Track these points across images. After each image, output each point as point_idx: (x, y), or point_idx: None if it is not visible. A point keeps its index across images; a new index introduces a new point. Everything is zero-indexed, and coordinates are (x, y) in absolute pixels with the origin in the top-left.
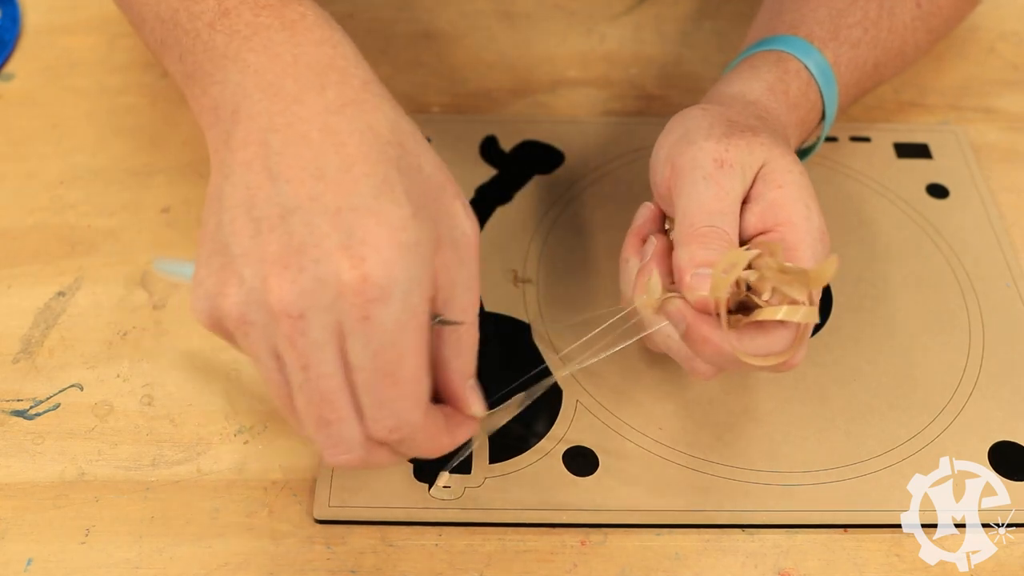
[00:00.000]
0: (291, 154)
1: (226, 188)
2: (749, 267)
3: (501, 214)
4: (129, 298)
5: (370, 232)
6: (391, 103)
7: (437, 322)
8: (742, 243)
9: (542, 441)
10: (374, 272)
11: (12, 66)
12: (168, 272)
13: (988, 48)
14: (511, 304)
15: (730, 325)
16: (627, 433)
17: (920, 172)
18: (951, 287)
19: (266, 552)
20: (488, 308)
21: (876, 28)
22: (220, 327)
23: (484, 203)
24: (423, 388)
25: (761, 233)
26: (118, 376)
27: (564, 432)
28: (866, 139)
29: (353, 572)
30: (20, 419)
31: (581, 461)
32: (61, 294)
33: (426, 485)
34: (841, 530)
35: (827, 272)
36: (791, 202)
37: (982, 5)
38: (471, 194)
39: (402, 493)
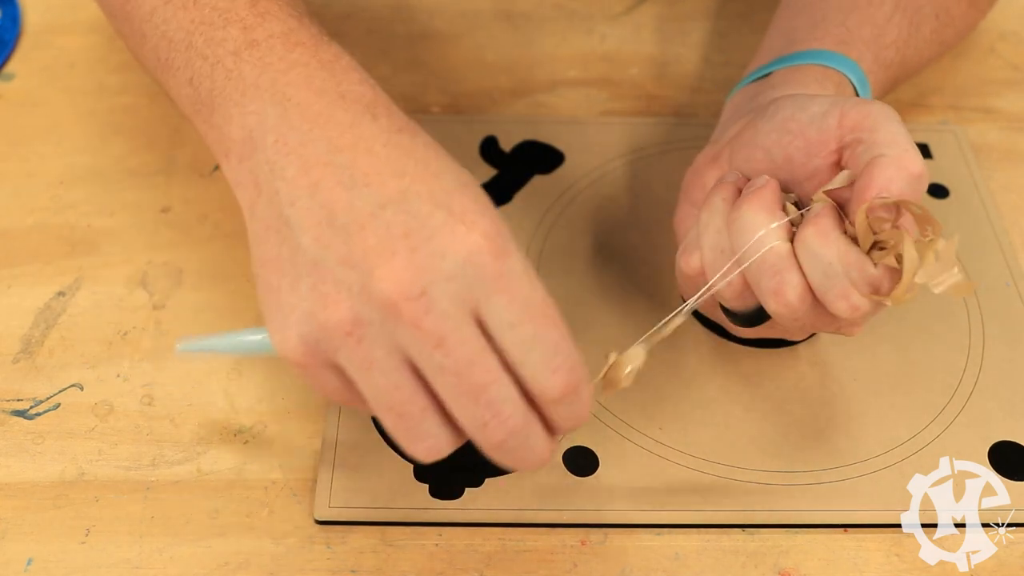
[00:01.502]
0: (363, 164)
1: (293, 214)
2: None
3: (501, 214)
4: (129, 298)
5: (469, 206)
6: None
7: None
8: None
9: None
10: (491, 230)
11: (12, 66)
12: (202, 349)
13: (988, 48)
14: None
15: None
16: (627, 433)
17: None
18: None
19: (266, 552)
20: None
21: (906, 48)
22: (318, 351)
23: None
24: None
25: None
26: (118, 376)
27: None
28: None
29: (353, 572)
30: (20, 419)
31: (581, 461)
32: (61, 294)
33: (426, 486)
34: (841, 530)
35: (969, 288)
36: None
37: None
38: None
39: (402, 493)
